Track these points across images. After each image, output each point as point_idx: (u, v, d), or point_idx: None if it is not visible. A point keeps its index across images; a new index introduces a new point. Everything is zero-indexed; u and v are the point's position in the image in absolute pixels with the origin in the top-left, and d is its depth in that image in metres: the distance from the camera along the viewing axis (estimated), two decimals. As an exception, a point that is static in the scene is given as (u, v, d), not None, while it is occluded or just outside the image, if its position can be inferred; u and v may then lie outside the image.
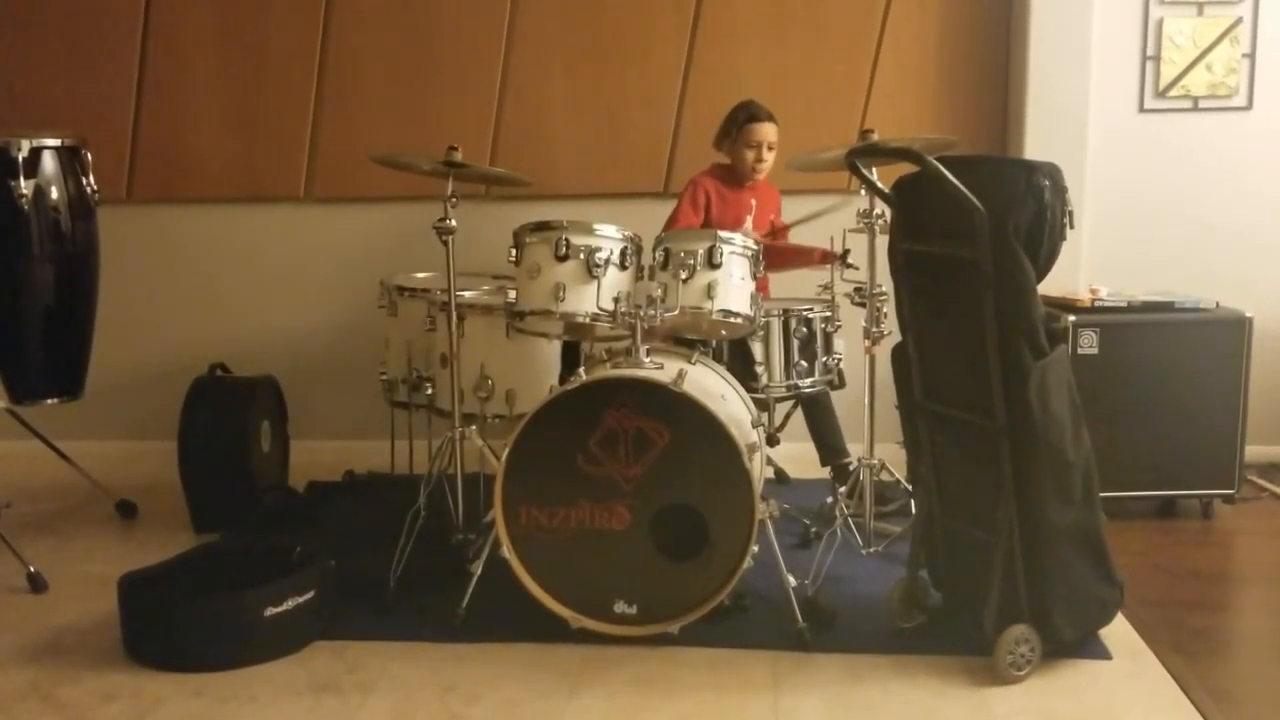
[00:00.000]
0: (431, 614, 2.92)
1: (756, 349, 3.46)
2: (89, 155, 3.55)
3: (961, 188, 2.50)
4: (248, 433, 3.66)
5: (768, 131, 3.70)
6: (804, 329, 3.48)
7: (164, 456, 3.71)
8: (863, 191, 3.12)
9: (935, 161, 2.54)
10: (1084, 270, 4.15)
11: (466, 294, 3.49)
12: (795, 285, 3.78)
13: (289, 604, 2.75)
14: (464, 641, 2.81)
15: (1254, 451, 3.93)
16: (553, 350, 3.50)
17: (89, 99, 4.42)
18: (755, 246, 3.09)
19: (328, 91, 4.43)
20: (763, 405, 3.50)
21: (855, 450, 3.64)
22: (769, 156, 3.71)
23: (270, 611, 2.72)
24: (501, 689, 2.59)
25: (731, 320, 3.03)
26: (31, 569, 3.20)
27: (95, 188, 3.56)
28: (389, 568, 3.09)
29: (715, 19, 4.31)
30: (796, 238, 3.85)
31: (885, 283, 3.09)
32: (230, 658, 2.69)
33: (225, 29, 4.40)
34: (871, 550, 3.28)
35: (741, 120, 3.70)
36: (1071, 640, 2.68)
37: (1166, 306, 3.74)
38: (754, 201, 3.79)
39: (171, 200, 4.52)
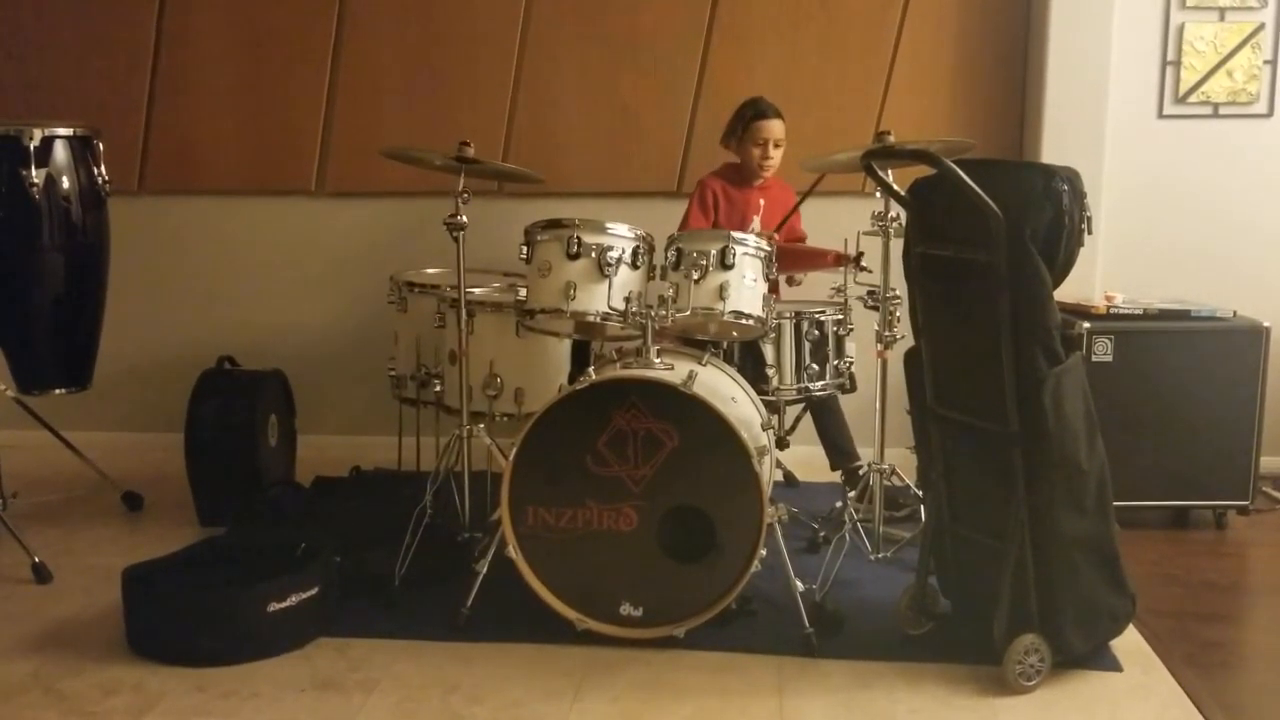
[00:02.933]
0: (436, 613, 2.91)
1: (768, 351, 3.43)
2: (101, 145, 3.55)
3: (979, 191, 2.47)
4: (255, 427, 3.65)
5: (775, 128, 3.68)
6: (816, 332, 3.45)
7: (171, 449, 3.70)
8: (878, 194, 3.09)
9: (952, 164, 2.51)
10: (1099, 276, 4.11)
11: (477, 291, 3.47)
12: (808, 288, 3.75)
13: (293, 600, 2.74)
14: (468, 641, 2.80)
15: (1269, 463, 3.89)
16: (562, 349, 3.48)
17: (102, 89, 4.41)
18: (769, 248, 3.07)
19: (340, 85, 4.41)
20: (773, 408, 3.47)
21: (866, 455, 3.62)
22: (776, 154, 3.70)
23: (274, 607, 2.71)
24: (505, 690, 2.57)
25: (743, 322, 3.01)
26: (36, 560, 3.19)
27: (107, 178, 3.55)
28: (394, 565, 3.07)
29: (731, 18, 4.28)
30: (810, 239, 3.83)
31: (899, 286, 3.06)
32: (233, 653, 2.67)
33: (239, 21, 4.39)
34: (880, 556, 3.26)
35: (749, 117, 3.69)
36: (1082, 651, 2.65)
37: (1182, 315, 3.70)
38: (762, 201, 3.77)
39: (183, 192, 4.51)
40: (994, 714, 2.49)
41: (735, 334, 3.23)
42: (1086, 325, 3.62)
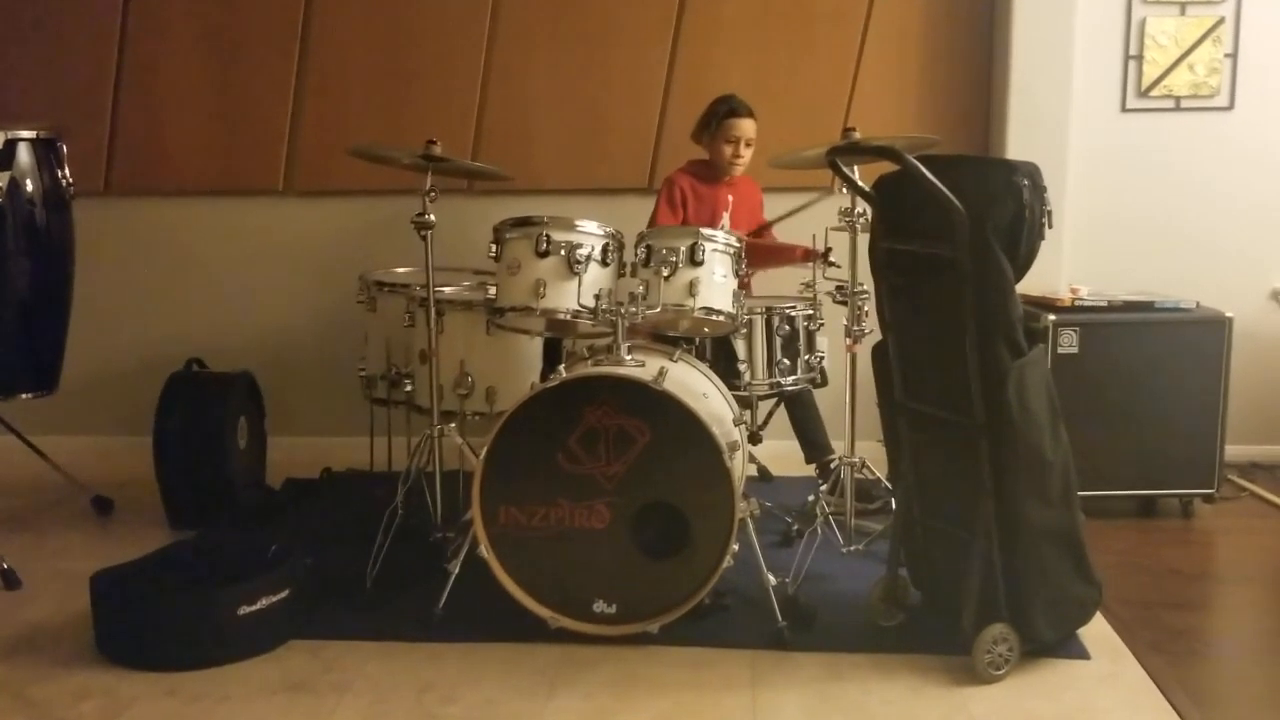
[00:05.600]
0: (408, 613, 2.90)
1: (739, 347, 3.44)
2: (65, 147, 3.51)
3: (941, 187, 2.49)
4: (224, 429, 3.63)
5: (746, 127, 3.69)
6: (786, 327, 3.47)
7: (140, 452, 3.67)
8: (844, 190, 3.11)
9: (915, 161, 2.53)
10: (1065, 269, 4.15)
11: (446, 290, 3.47)
12: (778, 283, 3.77)
13: (264, 602, 2.73)
14: (441, 641, 2.79)
15: (1233, 451, 3.93)
16: (534, 347, 3.48)
17: (66, 90, 4.37)
18: (738, 244, 3.08)
19: (307, 83, 4.39)
20: (745, 403, 3.49)
21: (839, 448, 3.64)
22: (746, 153, 3.71)
23: (245, 610, 2.69)
24: (479, 689, 2.57)
25: (714, 318, 3.02)
26: (4, 565, 3.16)
27: (71, 180, 3.52)
28: (366, 566, 3.07)
29: (700, 14, 4.29)
30: (779, 236, 3.84)
31: (867, 281, 3.08)
32: (204, 656, 2.66)
33: (205, 19, 4.35)
34: (852, 548, 3.28)
35: (721, 114, 3.69)
36: (1050, 640, 2.68)
37: (1147, 306, 3.75)
38: (731, 197, 3.78)
39: (149, 193, 4.47)
40: (964, 703, 2.51)
41: (706, 330, 3.24)
42: (1052, 318, 3.66)
